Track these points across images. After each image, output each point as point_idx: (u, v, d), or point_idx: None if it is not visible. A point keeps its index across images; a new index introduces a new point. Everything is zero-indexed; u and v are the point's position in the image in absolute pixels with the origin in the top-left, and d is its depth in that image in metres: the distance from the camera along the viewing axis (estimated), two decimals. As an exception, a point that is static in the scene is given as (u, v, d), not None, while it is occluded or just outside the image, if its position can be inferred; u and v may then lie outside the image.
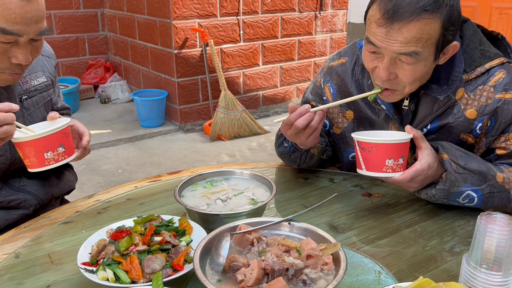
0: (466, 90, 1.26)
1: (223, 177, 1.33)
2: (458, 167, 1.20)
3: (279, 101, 5.36)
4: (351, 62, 1.43)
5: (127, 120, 4.92)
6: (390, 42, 1.13)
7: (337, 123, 1.48)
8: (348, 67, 1.43)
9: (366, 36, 1.19)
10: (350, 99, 1.29)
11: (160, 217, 1.09)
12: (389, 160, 1.15)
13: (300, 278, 0.88)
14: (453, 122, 1.29)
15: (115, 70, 5.76)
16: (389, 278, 0.98)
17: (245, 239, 0.97)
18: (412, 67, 1.16)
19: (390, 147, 1.15)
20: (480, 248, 0.82)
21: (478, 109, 1.26)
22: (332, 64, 1.48)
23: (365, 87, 1.37)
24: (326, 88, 1.48)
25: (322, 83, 1.50)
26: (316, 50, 5.50)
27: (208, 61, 4.59)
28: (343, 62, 1.45)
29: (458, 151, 1.22)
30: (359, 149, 1.18)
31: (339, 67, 1.46)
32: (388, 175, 1.17)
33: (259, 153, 4.27)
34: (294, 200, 1.35)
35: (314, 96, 1.52)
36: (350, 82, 1.42)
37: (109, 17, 5.61)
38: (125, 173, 3.81)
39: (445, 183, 1.20)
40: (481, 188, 1.20)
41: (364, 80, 1.39)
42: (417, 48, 1.12)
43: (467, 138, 1.31)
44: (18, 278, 1.01)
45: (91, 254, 0.99)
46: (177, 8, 4.37)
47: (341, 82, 1.45)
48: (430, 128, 1.32)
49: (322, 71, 1.51)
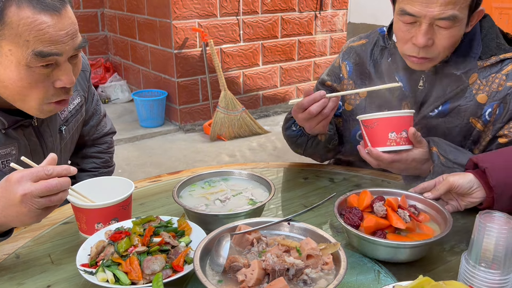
0: (479, 76, 1.31)
1: (222, 178, 1.33)
2: (447, 161, 1.22)
3: (279, 101, 5.37)
4: (371, 43, 1.49)
5: (127, 120, 4.92)
6: (430, 8, 1.17)
7: (349, 99, 1.52)
8: (367, 47, 1.49)
9: (401, 8, 1.22)
10: (367, 89, 1.35)
11: (159, 218, 1.09)
12: (392, 134, 1.21)
13: (300, 278, 0.88)
14: (464, 104, 1.33)
15: (115, 70, 5.76)
16: (389, 277, 0.98)
17: (245, 240, 0.97)
18: (450, 32, 1.20)
19: (391, 120, 1.21)
20: (479, 246, 0.82)
21: (489, 95, 1.30)
22: (352, 44, 1.55)
23: (383, 68, 1.43)
24: (343, 66, 1.54)
25: (340, 62, 1.55)
26: (316, 50, 5.50)
27: (208, 61, 4.59)
28: (363, 43, 1.52)
29: (448, 146, 1.26)
30: (363, 128, 1.25)
31: (359, 47, 1.52)
32: (393, 148, 1.22)
33: (259, 153, 4.28)
34: (294, 200, 1.35)
35: (330, 77, 1.57)
36: (369, 61, 1.48)
37: (109, 17, 5.61)
38: (125, 173, 3.81)
39: (432, 175, 1.23)
40: None
41: (382, 60, 1.44)
42: (454, 11, 1.17)
43: (476, 123, 1.33)
44: (18, 278, 1.01)
45: (90, 256, 0.99)
46: (177, 8, 4.37)
47: (359, 60, 1.50)
48: (441, 109, 1.35)
49: (342, 51, 1.58)
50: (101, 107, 1.64)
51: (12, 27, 1.00)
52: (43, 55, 1.03)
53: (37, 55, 1.03)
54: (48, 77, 1.09)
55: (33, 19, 1.01)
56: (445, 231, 1.00)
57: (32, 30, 1.01)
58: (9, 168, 1.15)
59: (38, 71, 1.06)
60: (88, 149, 1.66)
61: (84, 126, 1.58)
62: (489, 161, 1.12)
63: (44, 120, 1.29)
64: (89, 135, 1.62)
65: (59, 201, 0.97)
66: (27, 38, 1.01)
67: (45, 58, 1.04)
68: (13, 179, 0.94)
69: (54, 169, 0.95)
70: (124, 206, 1.13)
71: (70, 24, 1.07)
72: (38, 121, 1.27)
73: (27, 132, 1.25)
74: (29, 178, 0.93)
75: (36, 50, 1.02)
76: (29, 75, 1.06)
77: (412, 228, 1.05)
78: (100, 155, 1.67)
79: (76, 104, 1.42)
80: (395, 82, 1.38)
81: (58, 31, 1.04)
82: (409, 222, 1.05)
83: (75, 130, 1.46)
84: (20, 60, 1.03)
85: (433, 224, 1.10)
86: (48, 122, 1.31)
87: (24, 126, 1.24)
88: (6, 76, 1.06)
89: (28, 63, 1.04)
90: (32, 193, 0.93)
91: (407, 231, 1.05)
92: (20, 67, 1.04)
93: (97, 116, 1.61)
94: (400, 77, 1.38)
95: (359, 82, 1.49)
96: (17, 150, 1.23)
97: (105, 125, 1.66)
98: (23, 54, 1.03)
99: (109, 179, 1.24)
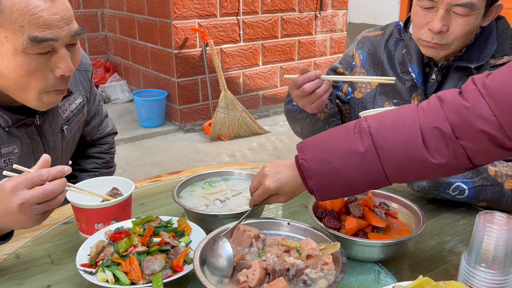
0: None
1: (222, 178, 1.33)
2: None
3: (279, 101, 5.36)
4: (386, 35, 1.52)
5: (127, 120, 4.92)
6: None
7: (360, 87, 1.54)
8: (382, 38, 1.52)
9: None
10: (361, 78, 1.39)
11: (159, 218, 1.09)
12: None
13: (300, 278, 0.88)
14: None
15: (115, 70, 5.76)
16: (389, 278, 0.98)
17: (245, 240, 0.97)
18: (466, 20, 1.22)
19: None
20: (479, 247, 0.82)
21: None
22: (368, 34, 1.58)
23: (396, 59, 1.46)
24: (356, 55, 1.57)
25: (354, 51, 1.58)
26: (316, 50, 5.50)
27: (208, 61, 4.59)
28: (379, 34, 1.55)
29: None
30: None
31: (374, 37, 1.55)
32: None
33: (259, 153, 4.28)
34: (294, 200, 1.35)
35: (342, 64, 1.60)
36: (383, 52, 1.50)
37: (109, 17, 5.61)
38: (125, 173, 3.81)
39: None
40: (472, 180, 1.21)
41: (396, 52, 1.47)
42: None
43: None
44: (18, 278, 1.01)
45: (90, 256, 0.99)
46: (177, 8, 4.37)
47: (373, 50, 1.53)
48: None
49: (356, 40, 1.60)
50: (103, 108, 1.64)
51: (6, 13, 1.01)
52: (38, 40, 1.03)
53: (33, 40, 1.03)
54: (47, 65, 1.08)
55: (26, 4, 1.01)
56: (422, 223, 1.04)
57: (25, 15, 1.01)
58: (11, 167, 1.15)
59: (36, 58, 1.06)
60: (89, 150, 1.66)
61: (86, 127, 1.58)
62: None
63: (46, 119, 1.29)
64: (91, 135, 1.62)
65: (57, 204, 0.95)
66: (21, 23, 1.01)
67: (41, 44, 1.04)
68: (8, 188, 0.92)
69: (49, 173, 0.93)
70: (124, 206, 1.13)
71: (64, 9, 1.07)
72: (41, 120, 1.27)
73: (29, 131, 1.25)
74: (24, 186, 0.91)
75: (31, 35, 1.02)
76: (26, 62, 1.06)
77: (389, 225, 1.08)
78: (101, 156, 1.67)
79: (78, 103, 1.42)
80: (407, 72, 1.41)
81: (52, 15, 1.04)
82: (386, 219, 1.08)
83: (76, 129, 1.46)
84: (17, 47, 1.04)
85: (403, 216, 1.14)
86: (50, 121, 1.31)
87: (27, 125, 1.24)
88: (4, 65, 1.06)
89: (25, 49, 1.04)
90: (29, 201, 0.91)
91: (385, 228, 1.07)
92: (17, 55, 1.04)
93: (99, 117, 1.61)
94: (413, 69, 1.40)
95: (371, 71, 1.52)
96: (19, 148, 1.23)
97: (106, 126, 1.66)
98: (18, 40, 1.03)
99: (109, 179, 1.24)
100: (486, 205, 1.25)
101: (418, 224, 1.06)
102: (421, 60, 1.39)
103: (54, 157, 1.39)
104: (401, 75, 1.45)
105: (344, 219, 1.08)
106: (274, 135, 4.66)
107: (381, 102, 1.49)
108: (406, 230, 1.08)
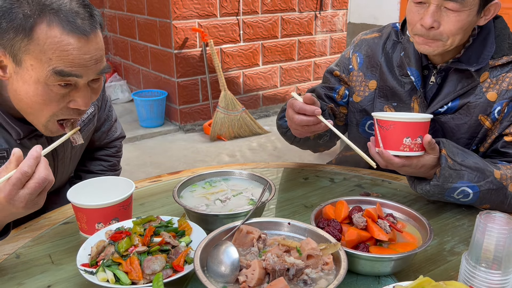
0: (490, 75, 1.33)
1: (222, 178, 1.33)
2: (454, 163, 1.20)
3: (279, 101, 5.37)
4: (384, 37, 1.52)
5: (127, 120, 4.92)
6: None
7: (358, 91, 1.53)
8: (380, 40, 1.52)
9: None
10: (342, 137, 1.26)
11: (160, 217, 1.09)
12: (407, 139, 1.16)
13: (301, 278, 0.88)
14: (473, 101, 1.34)
15: (115, 70, 5.76)
16: (389, 278, 0.98)
17: (247, 239, 0.97)
18: (457, 15, 1.22)
19: (408, 126, 1.16)
20: (479, 247, 0.82)
21: (499, 93, 1.32)
22: (365, 37, 1.57)
23: (394, 61, 1.46)
24: (353, 58, 1.55)
25: (350, 54, 1.57)
26: (316, 50, 5.50)
27: (208, 61, 4.59)
28: (376, 36, 1.54)
29: (456, 148, 1.24)
30: (378, 127, 1.20)
31: (371, 40, 1.54)
32: (405, 153, 1.17)
33: (259, 153, 4.28)
34: (294, 200, 1.35)
35: (339, 67, 1.59)
36: (380, 54, 1.50)
37: (109, 17, 5.61)
38: (125, 173, 3.79)
39: (439, 179, 1.20)
40: (479, 184, 1.21)
41: (394, 54, 1.46)
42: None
43: (485, 121, 1.34)
44: (18, 278, 1.01)
45: (91, 256, 0.99)
46: (177, 8, 4.37)
47: (371, 52, 1.52)
48: (450, 106, 1.36)
49: (353, 43, 1.59)
50: (113, 113, 1.64)
51: (39, 43, 1.01)
52: (63, 74, 1.04)
53: (57, 73, 1.03)
54: (64, 97, 1.09)
55: (60, 39, 1.02)
56: (429, 239, 0.98)
57: (56, 50, 1.02)
58: None
59: (56, 90, 1.06)
60: (97, 152, 1.65)
61: (95, 132, 1.57)
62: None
63: None
64: (100, 140, 1.61)
65: (51, 183, 0.97)
66: (50, 56, 1.02)
67: (64, 78, 1.04)
68: (4, 200, 0.94)
69: (29, 165, 0.94)
70: (125, 206, 1.13)
71: (96, 49, 1.07)
72: None
73: (40, 142, 1.25)
74: (17, 189, 0.94)
75: (57, 68, 1.03)
76: (45, 93, 1.06)
77: (393, 238, 1.03)
78: (108, 158, 1.67)
79: (89, 113, 1.42)
80: (406, 75, 1.40)
81: (82, 55, 1.04)
82: (390, 232, 1.02)
83: (85, 138, 1.45)
84: (40, 77, 1.04)
85: (412, 228, 1.08)
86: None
87: (38, 136, 1.25)
88: (23, 90, 1.07)
89: (47, 80, 1.04)
90: (30, 199, 0.95)
91: (389, 242, 1.02)
92: (38, 84, 1.05)
93: (109, 122, 1.61)
94: (412, 72, 1.39)
95: (369, 74, 1.51)
96: None
97: (115, 130, 1.66)
98: (43, 70, 1.03)
99: (109, 179, 1.24)
100: (489, 207, 1.25)
101: (426, 237, 1.00)
102: (420, 62, 1.38)
103: (62, 166, 1.40)
104: (400, 78, 1.44)
105: (346, 230, 1.03)
106: (274, 135, 4.66)
107: (380, 105, 1.48)
108: (412, 244, 1.01)
